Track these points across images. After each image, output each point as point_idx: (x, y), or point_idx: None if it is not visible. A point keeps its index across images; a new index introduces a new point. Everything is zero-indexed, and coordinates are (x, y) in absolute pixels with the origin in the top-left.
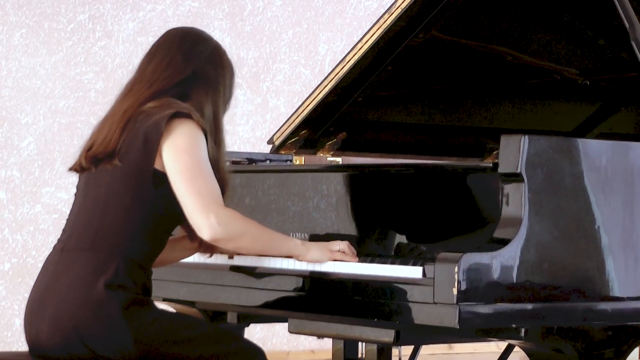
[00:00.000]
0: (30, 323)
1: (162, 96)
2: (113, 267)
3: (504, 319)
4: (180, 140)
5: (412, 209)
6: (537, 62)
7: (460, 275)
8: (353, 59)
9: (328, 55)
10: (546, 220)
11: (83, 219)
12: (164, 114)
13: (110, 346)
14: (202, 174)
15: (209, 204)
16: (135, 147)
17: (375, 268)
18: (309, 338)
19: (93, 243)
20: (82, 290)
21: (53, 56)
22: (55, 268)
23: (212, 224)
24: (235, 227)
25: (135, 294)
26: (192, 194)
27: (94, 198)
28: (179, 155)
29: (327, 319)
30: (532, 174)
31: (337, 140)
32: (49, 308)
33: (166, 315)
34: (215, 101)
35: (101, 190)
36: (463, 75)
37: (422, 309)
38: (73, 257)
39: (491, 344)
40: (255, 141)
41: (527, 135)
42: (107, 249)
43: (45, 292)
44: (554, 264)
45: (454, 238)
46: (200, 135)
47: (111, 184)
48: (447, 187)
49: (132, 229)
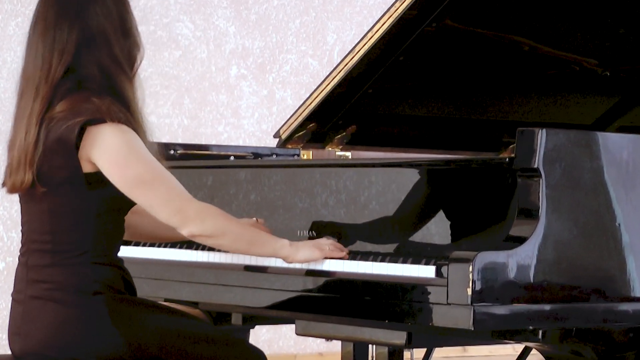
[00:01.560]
0: (15, 341)
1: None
2: (84, 277)
3: (520, 321)
4: (112, 153)
5: (424, 206)
6: (555, 52)
7: (475, 274)
8: (363, 49)
9: (337, 45)
10: (564, 217)
11: (36, 238)
12: (74, 121)
13: (102, 352)
14: (157, 179)
15: (179, 205)
16: (55, 161)
17: (386, 267)
18: (317, 340)
19: (53, 259)
20: (59, 304)
21: None
22: (26, 286)
23: (189, 222)
24: (215, 224)
25: (116, 293)
26: (158, 205)
27: (39, 222)
28: (121, 171)
29: (336, 321)
30: (549, 169)
31: (347, 133)
32: (33, 327)
33: (159, 313)
34: (100, 64)
35: (44, 215)
36: (477, 66)
37: (435, 309)
38: (39, 274)
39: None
40: (261, 135)
41: (545, 129)
42: (72, 262)
43: (24, 310)
44: (572, 263)
45: (468, 236)
46: (127, 133)
47: (51, 204)
48: (461, 183)
49: (87, 236)
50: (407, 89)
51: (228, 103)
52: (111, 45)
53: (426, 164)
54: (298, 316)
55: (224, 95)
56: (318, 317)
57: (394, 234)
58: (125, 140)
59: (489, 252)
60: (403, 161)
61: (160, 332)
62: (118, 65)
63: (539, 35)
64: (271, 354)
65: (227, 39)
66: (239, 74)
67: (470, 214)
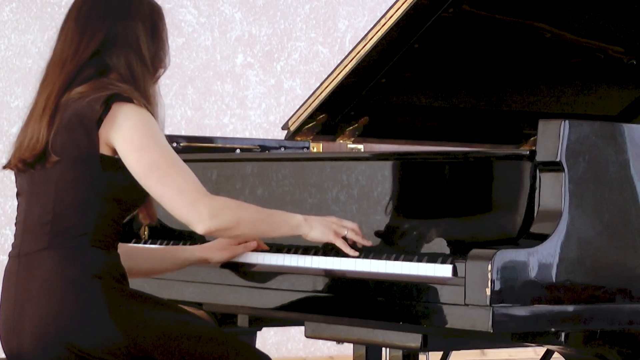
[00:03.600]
0: (9, 338)
1: (80, 76)
2: (81, 260)
3: (542, 322)
4: (132, 133)
5: (440, 201)
6: (578, 39)
7: (494, 274)
8: (376, 36)
9: (349, 32)
10: (589, 213)
11: (34, 219)
12: (97, 95)
13: (98, 342)
14: (174, 166)
15: (194, 198)
16: (72, 135)
17: (400, 266)
18: (327, 343)
19: (50, 242)
20: (54, 291)
21: (46, 33)
22: (17, 278)
23: (204, 218)
24: (229, 216)
25: (116, 282)
26: (172, 194)
27: (43, 196)
28: (140, 154)
29: (348, 322)
30: (573, 163)
31: (359, 125)
32: (26, 320)
33: (162, 310)
34: (129, 61)
35: (50, 186)
36: (497, 54)
37: (451, 311)
38: (32, 260)
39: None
40: (268, 126)
41: (568, 120)
42: (70, 244)
43: (16, 305)
44: (597, 261)
45: (486, 233)
46: (151, 119)
47: (60, 178)
48: (479, 177)
49: (90, 217)
50: (422, 78)
51: (234, 93)
52: (140, 45)
53: (442, 157)
54: (307, 317)
55: (230, 85)
56: (329, 319)
57: (408, 231)
58: (148, 124)
59: (509, 250)
60: (418, 154)
61: (162, 330)
62: (144, 64)
63: (562, 22)
64: (279, 357)
65: (233, 25)
66: (245, 62)
67: (488, 210)
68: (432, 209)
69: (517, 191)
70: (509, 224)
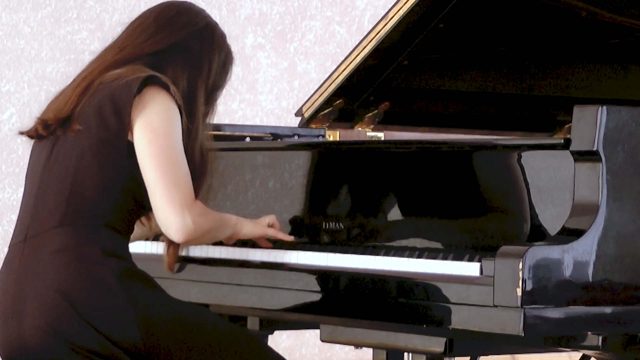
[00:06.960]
0: (9, 329)
1: (131, 63)
2: (95, 237)
3: (577, 325)
4: (155, 117)
5: (467, 194)
6: (617, 17)
7: (526, 272)
8: (397, 15)
9: (368, 10)
10: (628, 206)
11: (48, 197)
12: (136, 76)
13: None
14: (178, 161)
15: (184, 199)
16: (101, 112)
17: (423, 264)
18: (344, 348)
19: (63, 218)
20: (63, 266)
21: (39, 11)
22: (19, 264)
23: (187, 225)
24: (205, 225)
25: (129, 263)
26: (166, 185)
27: (61, 171)
28: (153, 137)
29: (366, 325)
30: (611, 152)
31: (379, 111)
32: (28, 304)
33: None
34: (193, 80)
35: (70, 161)
36: (528, 35)
37: (479, 312)
38: (41, 241)
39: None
40: (280, 113)
41: (605, 106)
42: (84, 222)
43: (17, 288)
44: (637, 259)
45: (516, 229)
46: (177, 111)
47: (82, 154)
48: (509, 168)
49: (111, 200)
50: (448, 60)
51: (243, 77)
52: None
53: (469, 146)
54: (323, 320)
55: (239, 68)
56: (346, 321)
57: (432, 227)
58: (171, 113)
59: (542, 247)
60: (442, 143)
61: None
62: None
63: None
64: None
65: (242, 3)
66: (255, 43)
67: (519, 203)
68: (458, 203)
69: (551, 183)
70: (541, 219)
